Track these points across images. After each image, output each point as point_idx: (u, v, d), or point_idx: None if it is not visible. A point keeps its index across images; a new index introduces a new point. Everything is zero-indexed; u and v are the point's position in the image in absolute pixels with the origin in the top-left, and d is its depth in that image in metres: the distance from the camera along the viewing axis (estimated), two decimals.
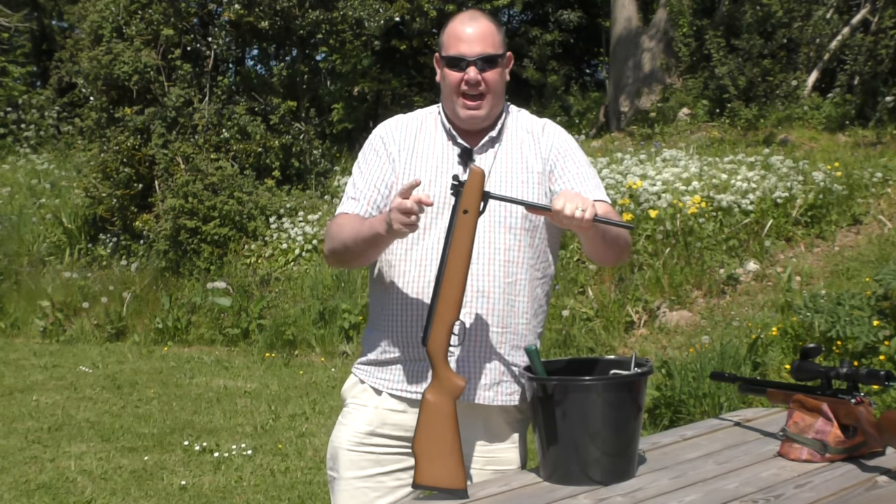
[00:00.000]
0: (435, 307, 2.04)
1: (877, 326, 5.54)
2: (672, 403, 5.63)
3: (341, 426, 2.32)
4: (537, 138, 2.33)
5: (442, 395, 2.04)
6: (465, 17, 2.27)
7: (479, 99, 2.24)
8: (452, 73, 2.24)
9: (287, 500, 4.84)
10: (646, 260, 7.78)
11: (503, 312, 2.22)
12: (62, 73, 15.08)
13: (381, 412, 2.27)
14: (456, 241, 2.03)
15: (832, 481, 1.97)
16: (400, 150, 2.30)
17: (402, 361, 2.25)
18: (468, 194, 2.03)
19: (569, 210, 1.99)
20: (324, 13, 11.45)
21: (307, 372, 7.79)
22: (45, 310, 9.76)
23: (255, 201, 10.26)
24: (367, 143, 2.38)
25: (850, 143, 10.31)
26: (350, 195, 2.31)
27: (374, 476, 2.25)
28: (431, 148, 2.29)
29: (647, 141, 11.11)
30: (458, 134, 2.28)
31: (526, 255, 2.25)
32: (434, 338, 2.04)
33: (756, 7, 11.52)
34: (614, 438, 2.01)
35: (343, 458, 2.28)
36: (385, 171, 2.29)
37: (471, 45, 2.22)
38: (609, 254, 2.24)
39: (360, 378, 2.33)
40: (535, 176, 2.28)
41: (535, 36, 17.75)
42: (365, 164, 2.34)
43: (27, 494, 4.98)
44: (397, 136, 2.32)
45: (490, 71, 2.23)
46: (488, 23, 2.26)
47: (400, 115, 2.41)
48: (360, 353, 2.40)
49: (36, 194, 12.56)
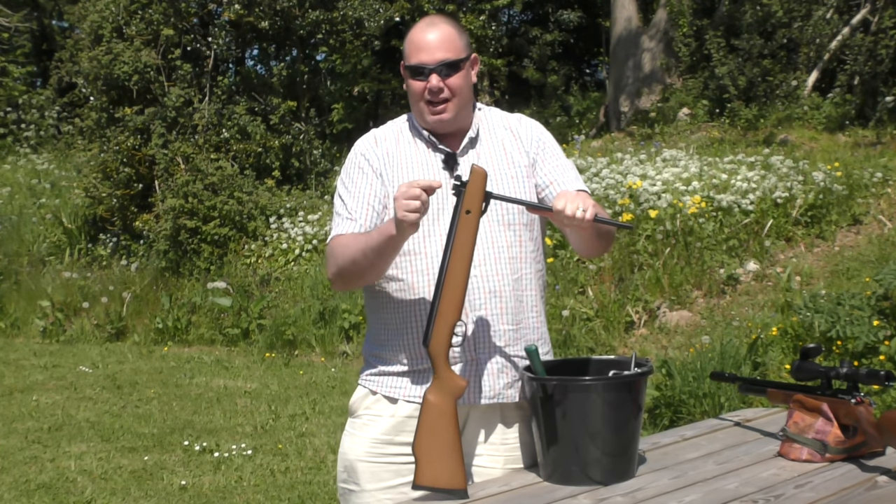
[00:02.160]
0: (437, 308, 2.04)
1: (877, 326, 5.54)
2: (672, 403, 5.63)
3: (354, 437, 2.29)
4: (517, 133, 2.34)
5: (443, 396, 2.04)
6: (424, 25, 2.27)
7: (444, 103, 2.23)
8: (415, 81, 2.24)
9: (287, 500, 4.84)
10: (646, 260, 7.78)
11: (515, 309, 2.23)
12: (62, 73, 15.09)
13: (399, 420, 2.24)
14: (458, 241, 2.03)
15: (832, 481, 1.97)
16: (384, 165, 2.28)
17: (414, 371, 2.24)
18: (471, 195, 2.03)
19: (570, 210, 2.01)
20: (324, 13, 11.45)
21: (307, 372, 7.79)
22: (45, 310, 9.76)
23: (255, 201, 10.27)
24: (349, 162, 2.34)
25: (850, 143, 10.31)
26: (345, 216, 2.27)
27: (396, 487, 2.22)
28: (414, 157, 2.29)
29: (647, 141, 11.11)
30: (438, 139, 2.28)
31: (527, 249, 2.27)
32: (436, 338, 2.04)
33: (756, 7, 11.52)
34: (614, 438, 2.00)
35: (363, 471, 2.25)
36: (375, 187, 2.27)
37: (431, 52, 2.21)
38: (598, 247, 2.26)
39: (370, 389, 2.29)
40: (522, 170, 2.29)
41: (535, 36, 17.76)
42: (352, 183, 2.29)
43: (27, 494, 4.98)
44: (378, 151, 2.30)
45: (453, 76, 2.22)
46: (448, 27, 2.25)
47: (373, 131, 2.39)
48: (360, 364, 2.38)
49: (36, 194, 12.57)
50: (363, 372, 2.34)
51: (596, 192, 8.72)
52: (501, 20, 18.23)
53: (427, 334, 2.05)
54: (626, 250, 7.86)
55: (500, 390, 2.22)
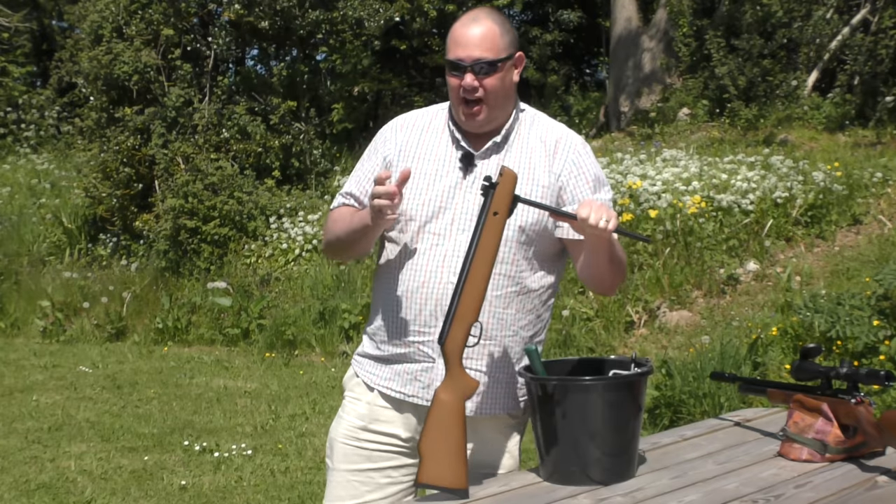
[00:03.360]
0: (456, 307, 2.02)
1: (877, 326, 5.54)
2: (672, 403, 5.63)
3: (339, 418, 2.36)
4: (550, 152, 2.25)
5: (454, 394, 2.03)
6: (467, 19, 2.17)
7: (477, 105, 2.16)
8: (452, 78, 2.18)
9: (287, 500, 4.84)
10: (646, 260, 7.78)
11: (497, 327, 2.21)
12: (62, 73, 15.08)
13: (373, 408, 2.29)
14: (483, 242, 2.01)
15: (832, 481, 1.97)
16: (400, 152, 2.27)
17: (394, 360, 2.25)
18: (500, 196, 2.01)
19: (593, 219, 1.99)
20: (324, 13, 11.45)
21: (307, 372, 7.79)
22: (45, 310, 9.76)
23: (255, 201, 10.26)
24: (377, 136, 2.38)
25: (850, 143, 10.31)
26: (346, 190, 2.37)
27: (364, 471, 2.27)
28: (434, 149, 2.25)
29: (647, 141, 11.11)
30: (462, 137, 2.23)
31: (519, 267, 2.22)
32: (452, 337, 2.03)
33: (756, 7, 11.52)
34: (614, 438, 2.01)
35: (338, 450, 2.32)
36: (378, 172, 2.24)
37: (468, 49, 2.13)
38: (610, 274, 2.20)
39: (355, 371, 2.36)
40: (539, 189, 2.21)
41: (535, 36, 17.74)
42: (364, 161, 2.37)
43: (27, 494, 4.98)
44: (401, 137, 2.29)
45: (490, 77, 2.14)
46: (491, 24, 2.14)
47: (413, 112, 2.37)
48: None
49: (36, 194, 12.56)
50: (356, 350, 2.41)
51: None
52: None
53: (443, 332, 2.03)
54: (626, 250, 7.86)
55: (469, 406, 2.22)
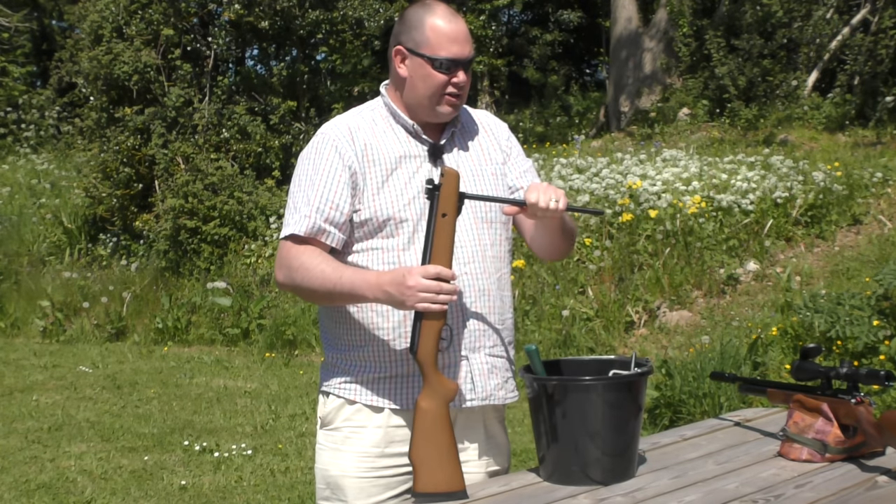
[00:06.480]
0: (422, 314, 1.99)
1: (877, 326, 5.54)
2: (672, 403, 5.63)
3: (339, 453, 2.17)
4: (490, 130, 2.30)
5: (436, 401, 2.01)
6: (448, 15, 2.12)
7: (460, 98, 2.17)
8: (439, 74, 2.10)
9: (287, 500, 4.84)
10: (646, 260, 7.78)
11: (500, 309, 2.20)
12: (62, 73, 15.09)
13: (388, 430, 2.15)
14: (437, 245, 1.98)
15: (832, 481, 1.97)
16: (363, 157, 2.12)
17: (396, 377, 2.15)
18: (445, 197, 1.98)
19: (543, 202, 2.00)
20: (324, 13, 11.45)
21: (307, 372, 7.79)
22: (45, 310, 9.76)
23: (255, 201, 10.27)
24: (323, 149, 2.13)
25: (850, 143, 10.31)
26: (316, 217, 2.08)
27: (384, 502, 2.16)
28: (394, 147, 2.15)
29: (647, 141, 11.11)
30: (423, 130, 2.18)
31: (505, 248, 2.24)
32: (423, 345, 2.00)
33: (756, 7, 11.53)
34: (614, 438, 2.00)
35: (350, 487, 2.15)
36: (345, 191, 2.10)
37: (462, 46, 2.12)
38: (561, 245, 2.23)
39: (347, 399, 2.16)
40: (499, 167, 2.25)
41: (535, 36, 17.76)
42: (325, 178, 2.10)
43: (27, 494, 4.98)
44: (354, 146, 2.13)
45: (468, 71, 2.18)
46: (462, 17, 2.20)
47: (344, 117, 2.20)
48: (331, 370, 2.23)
49: (36, 194, 12.57)
50: (331, 379, 2.20)
51: (596, 192, 8.73)
52: (501, 20, 18.22)
53: (413, 342, 2.00)
54: (626, 250, 7.86)
55: (491, 391, 2.18)
